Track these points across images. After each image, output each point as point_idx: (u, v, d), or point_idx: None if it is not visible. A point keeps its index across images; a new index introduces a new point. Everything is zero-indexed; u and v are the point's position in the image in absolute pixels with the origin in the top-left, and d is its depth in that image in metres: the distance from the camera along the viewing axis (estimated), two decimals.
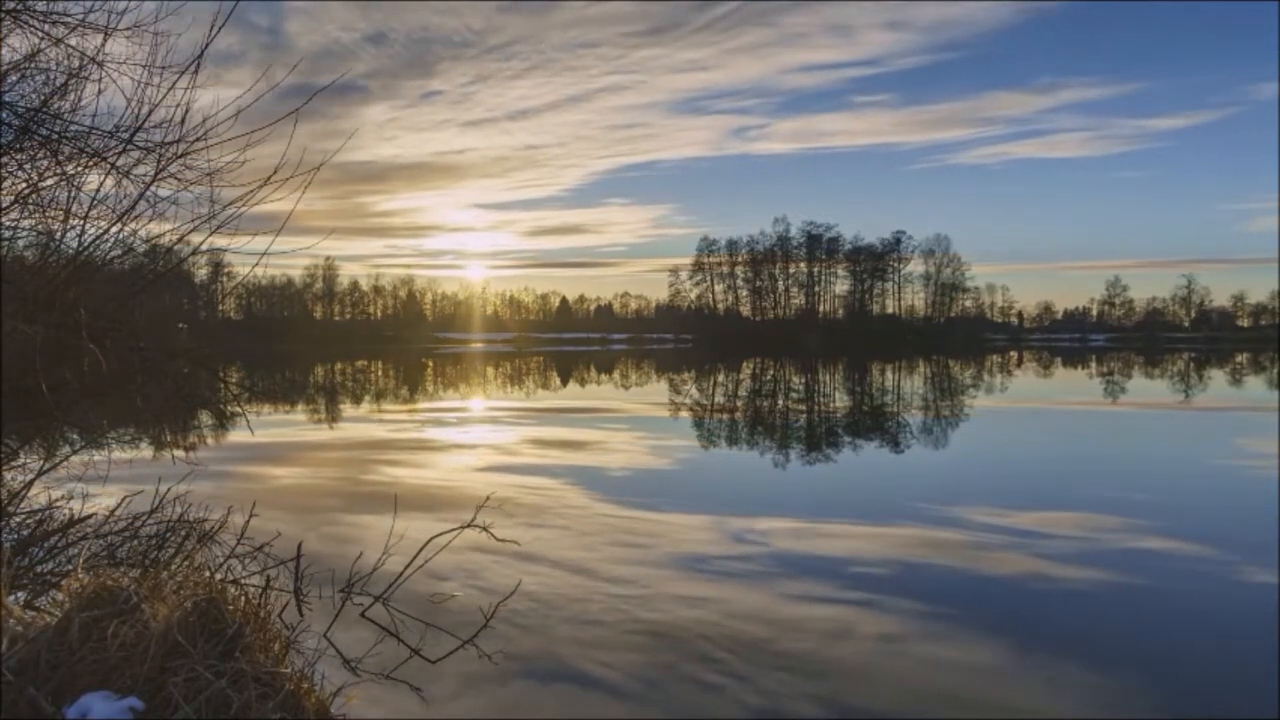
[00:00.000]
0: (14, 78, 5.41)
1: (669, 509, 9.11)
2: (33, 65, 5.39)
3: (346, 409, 22.97)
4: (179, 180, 5.10)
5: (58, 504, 5.94)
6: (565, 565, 6.89)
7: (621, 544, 7.63)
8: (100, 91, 5.25)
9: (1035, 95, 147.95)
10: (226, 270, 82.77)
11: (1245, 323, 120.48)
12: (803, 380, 36.17)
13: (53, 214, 5.47)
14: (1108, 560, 7.14)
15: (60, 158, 5.29)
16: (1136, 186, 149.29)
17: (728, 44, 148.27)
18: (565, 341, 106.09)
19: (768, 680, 4.66)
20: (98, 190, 5.14)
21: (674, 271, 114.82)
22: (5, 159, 5.29)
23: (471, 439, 15.81)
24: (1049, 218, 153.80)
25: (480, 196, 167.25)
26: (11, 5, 5.12)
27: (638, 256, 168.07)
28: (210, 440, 15.32)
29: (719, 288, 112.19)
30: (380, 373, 43.65)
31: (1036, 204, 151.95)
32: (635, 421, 19.48)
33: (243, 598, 3.04)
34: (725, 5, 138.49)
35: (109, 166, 5.07)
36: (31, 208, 5.49)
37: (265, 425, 17.67)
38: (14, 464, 6.27)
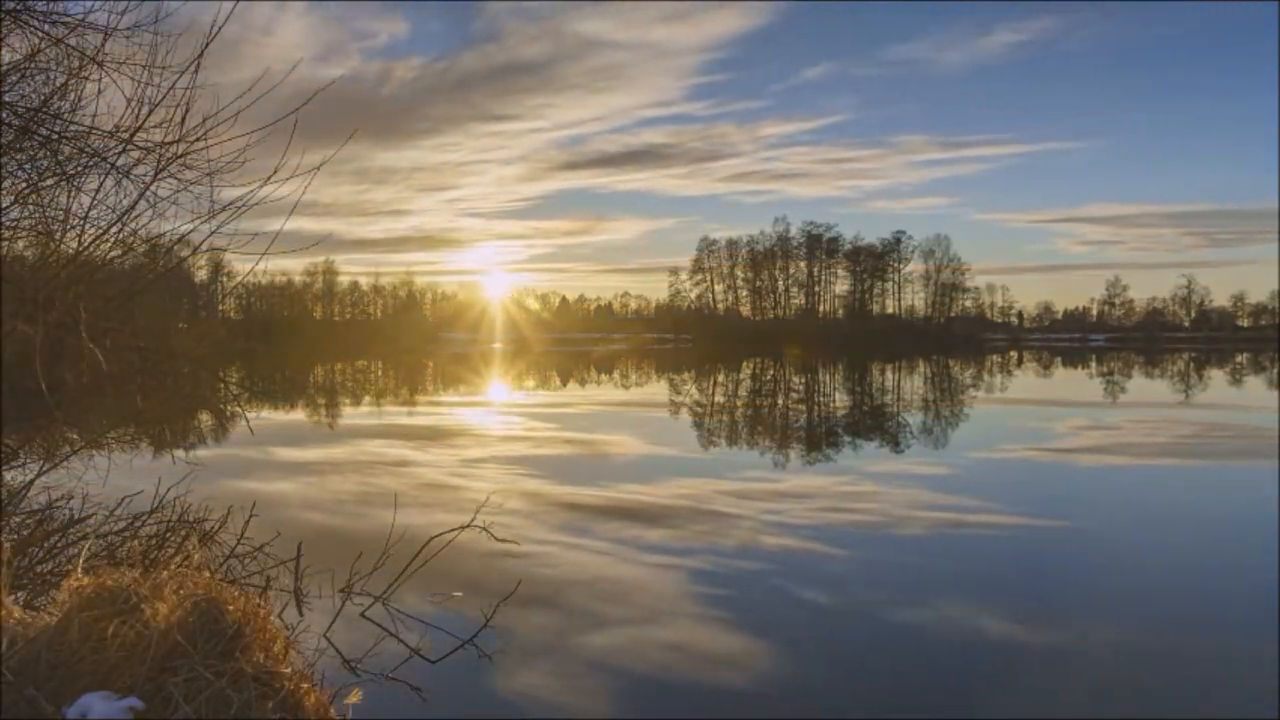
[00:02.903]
0: (14, 78, 5.41)
1: (668, 504, 9.12)
2: (33, 65, 5.39)
3: (346, 409, 22.96)
4: (179, 180, 5.11)
5: (58, 504, 5.94)
6: (567, 564, 6.89)
7: (623, 543, 7.63)
8: (100, 91, 5.24)
9: None
10: (226, 270, 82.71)
11: (1245, 323, 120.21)
12: (802, 381, 36.16)
13: (53, 214, 5.47)
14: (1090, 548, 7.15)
15: (60, 158, 5.29)
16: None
17: None
18: (565, 341, 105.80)
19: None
20: (98, 190, 5.14)
21: (674, 271, 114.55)
22: (5, 159, 5.29)
23: (471, 438, 15.80)
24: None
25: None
26: (11, 5, 5.12)
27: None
28: (210, 440, 15.32)
29: (719, 288, 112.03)
30: (380, 372, 43.62)
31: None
32: (636, 421, 19.48)
33: (243, 598, 3.03)
34: None
35: (109, 166, 5.07)
36: (31, 208, 5.49)
37: (265, 425, 17.66)
38: (14, 464, 6.27)
